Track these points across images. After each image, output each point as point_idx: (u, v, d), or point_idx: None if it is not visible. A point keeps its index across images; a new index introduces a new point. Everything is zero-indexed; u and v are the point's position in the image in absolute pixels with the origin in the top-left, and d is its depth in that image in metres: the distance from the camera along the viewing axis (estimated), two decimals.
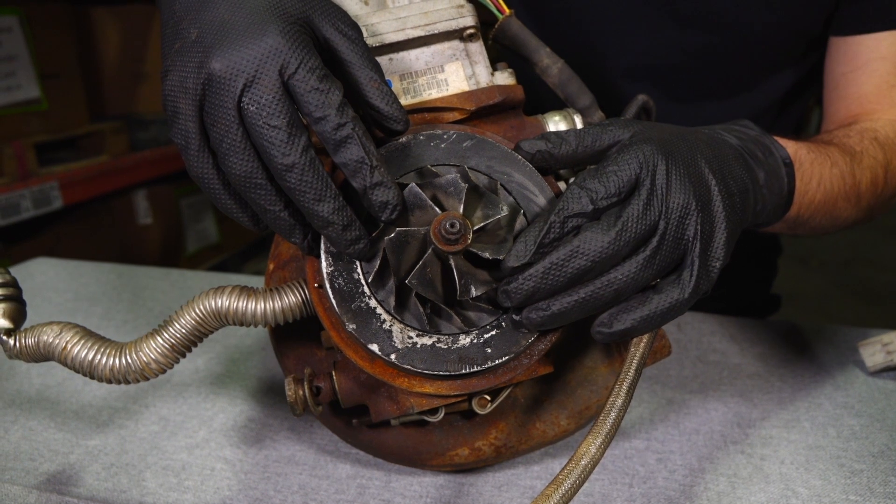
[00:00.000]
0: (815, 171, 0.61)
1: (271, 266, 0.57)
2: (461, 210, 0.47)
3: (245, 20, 0.41)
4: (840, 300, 2.98)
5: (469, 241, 0.45)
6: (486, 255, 0.46)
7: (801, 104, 0.92)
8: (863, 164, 0.67)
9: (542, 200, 0.49)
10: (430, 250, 0.46)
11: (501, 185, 0.49)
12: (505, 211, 0.47)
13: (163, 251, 2.67)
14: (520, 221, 0.49)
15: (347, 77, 0.45)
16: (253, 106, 0.40)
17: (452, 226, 0.44)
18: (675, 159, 0.46)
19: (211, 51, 0.41)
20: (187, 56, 0.42)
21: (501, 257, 0.46)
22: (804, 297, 2.92)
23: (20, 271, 1.11)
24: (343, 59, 0.44)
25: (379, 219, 0.44)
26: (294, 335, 0.57)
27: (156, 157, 2.54)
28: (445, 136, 0.50)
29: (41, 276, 1.08)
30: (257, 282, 0.98)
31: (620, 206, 0.45)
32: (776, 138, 0.59)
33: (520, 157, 0.51)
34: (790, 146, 0.60)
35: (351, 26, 0.45)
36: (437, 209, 0.46)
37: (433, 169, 0.49)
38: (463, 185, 0.47)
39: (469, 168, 0.49)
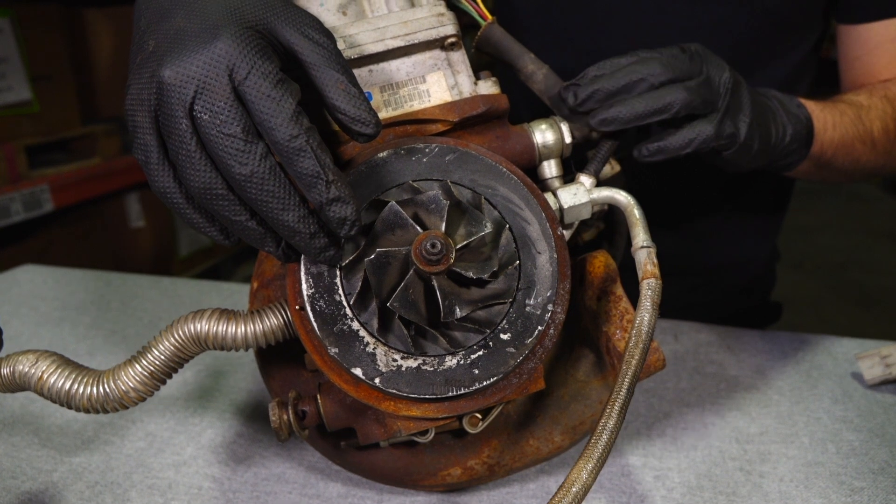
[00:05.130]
0: (827, 117, 0.68)
1: (255, 284, 0.55)
2: (443, 228, 0.45)
3: (198, 27, 0.40)
4: (834, 304, 2.96)
5: (452, 261, 0.43)
6: (470, 273, 0.44)
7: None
8: (871, 114, 0.73)
9: (527, 214, 0.48)
10: (411, 271, 0.44)
11: (486, 199, 0.48)
12: (489, 228, 0.46)
13: (155, 255, 2.65)
14: (505, 236, 0.47)
15: (313, 82, 0.42)
16: (205, 114, 0.38)
17: (434, 246, 0.42)
18: (710, 52, 0.58)
19: (163, 60, 0.39)
20: (144, 68, 0.40)
21: (485, 276, 0.45)
22: (798, 302, 2.90)
23: (6, 278, 1.09)
24: (306, 62, 0.42)
25: (338, 235, 0.42)
26: (280, 356, 0.56)
27: None
28: (427, 150, 0.49)
29: (28, 283, 1.06)
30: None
31: None
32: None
33: (504, 169, 0.49)
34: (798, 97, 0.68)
35: (319, 31, 0.43)
36: (418, 228, 0.45)
37: (415, 185, 0.47)
38: (444, 201, 0.45)
39: (452, 182, 0.48)
